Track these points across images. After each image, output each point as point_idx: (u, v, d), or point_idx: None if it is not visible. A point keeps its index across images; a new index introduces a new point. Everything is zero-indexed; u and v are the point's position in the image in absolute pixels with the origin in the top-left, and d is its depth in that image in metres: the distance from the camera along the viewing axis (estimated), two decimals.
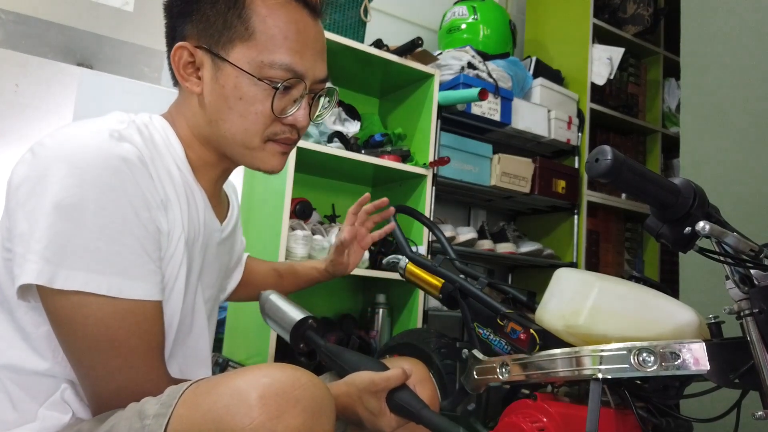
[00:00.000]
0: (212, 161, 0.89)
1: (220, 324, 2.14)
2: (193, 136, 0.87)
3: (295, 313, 1.07)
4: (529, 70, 2.70)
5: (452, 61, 2.38)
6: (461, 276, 1.26)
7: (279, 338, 1.77)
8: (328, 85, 0.92)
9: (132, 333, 0.71)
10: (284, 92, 0.83)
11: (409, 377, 0.88)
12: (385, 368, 0.91)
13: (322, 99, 0.92)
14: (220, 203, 0.96)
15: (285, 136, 0.86)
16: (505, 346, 1.11)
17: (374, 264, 2.07)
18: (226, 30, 0.81)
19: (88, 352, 0.71)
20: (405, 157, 2.15)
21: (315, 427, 0.62)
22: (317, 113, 0.93)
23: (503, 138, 2.60)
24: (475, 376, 1.09)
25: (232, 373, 0.64)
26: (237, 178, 2.32)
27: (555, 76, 2.74)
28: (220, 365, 2.01)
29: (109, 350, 0.70)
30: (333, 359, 0.99)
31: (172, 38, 0.86)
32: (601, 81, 2.68)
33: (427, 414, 0.86)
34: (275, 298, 1.13)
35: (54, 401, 0.76)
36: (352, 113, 2.19)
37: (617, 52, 2.70)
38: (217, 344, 2.10)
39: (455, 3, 2.71)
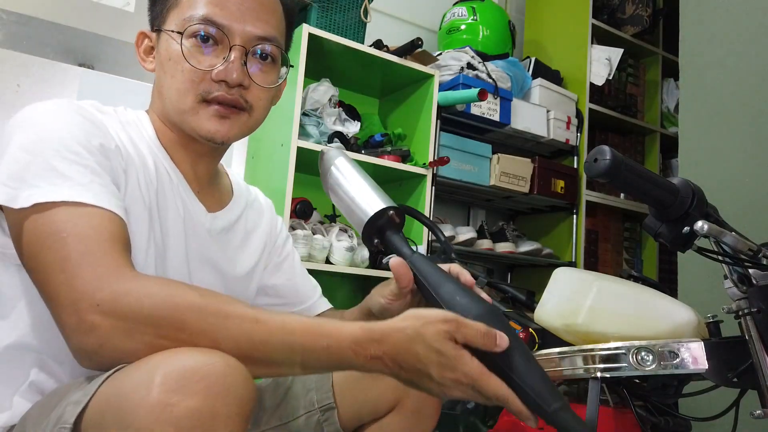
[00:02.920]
0: (179, 141, 0.89)
1: None
2: (159, 119, 0.89)
3: (375, 198, 0.84)
4: (528, 70, 2.71)
5: (452, 61, 2.38)
6: None
7: None
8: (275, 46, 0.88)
9: (91, 229, 0.68)
10: (209, 45, 0.83)
11: (500, 346, 0.65)
12: (499, 322, 0.69)
13: (275, 62, 0.89)
14: (210, 192, 0.95)
15: (219, 93, 0.83)
16: None
17: (374, 263, 2.08)
18: (161, 4, 0.87)
19: (46, 255, 0.66)
20: (405, 157, 2.16)
21: (220, 406, 0.55)
22: (278, 76, 0.90)
23: (502, 138, 2.61)
24: None
25: (154, 355, 0.60)
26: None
27: (554, 77, 2.74)
28: None
29: (62, 244, 0.66)
30: (417, 275, 0.79)
31: None
32: (599, 81, 2.68)
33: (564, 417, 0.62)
34: (348, 166, 0.90)
35: (26, 388, 0.76)
36: (352, 113, 2.19)
37: (616, 53, 2.71)
38: None
39: (455, 4, 2.71)
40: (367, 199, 0.85)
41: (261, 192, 1.12)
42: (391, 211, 0.83)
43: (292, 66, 0.95)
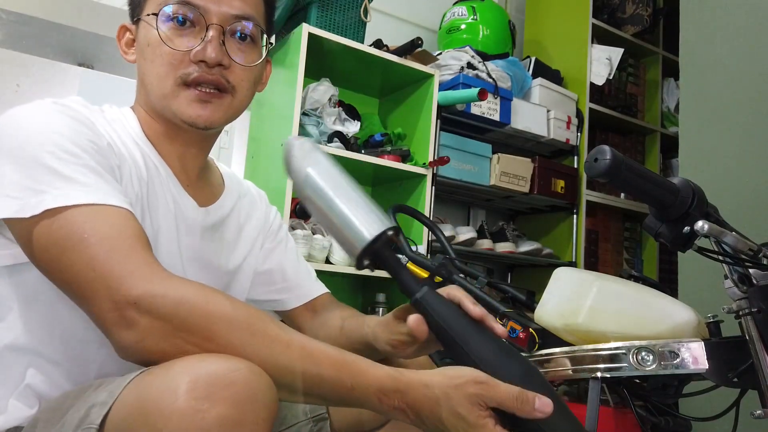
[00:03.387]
0: (165, 132, 0.87)
1: None
2: (144, 111, 0.88)
3: (370, 218, 0.69)
4: (528, 70, 2.71)
5: (452, 61, 2.38)
6: (461, 275, 1.27)
7: None
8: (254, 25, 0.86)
9: (110, 228, 0.67)
10: (186, 28, 0.82)
11: (541, 411, 0.62)
12: (537, 383, 0.65)
13: (255, 42, 0.87)
14: (200, 186, 0.93)
15: (199, 74, 0.81)
16: None
17: None
18: None
19: (71, 257, 0.66)
20: (405, 157, 2.16)
21: (247, 412, 0.56)
22: (259, 56, 0.88)
23: (503, 138, 2.61)
24: None
25: (177, 360, 0.60)
26: None
27: (554, 76, 2.74)
28: None
29: (86, 245, 0.65)
30: (434, 320, 0.69)
31: None
32: (600, 81, 2.68)
33: None
34: (330, 170, 0.72)
35: (22, 391, 0.75)
36: (352, 113, 2.19)
37: (616, 52, 2.71)
38: None
39: (455, 3, 2.71)
40: (361, 219, 0.69)
41: (253, 185, 1.11)
42: (390, 232, 0.70)
43: (272, 44, 0.92)
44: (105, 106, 0.88)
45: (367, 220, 0.69)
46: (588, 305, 0.90)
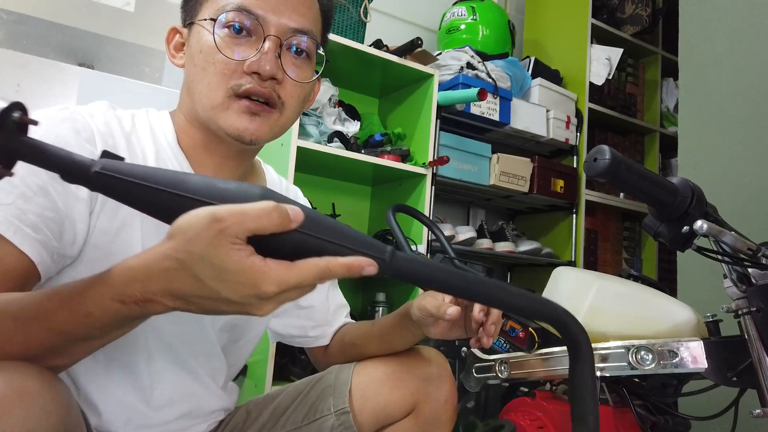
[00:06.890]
0: (204, 143, 0.83)
1: None
2: (185, 119, 0.84)
3: None
4: (527, 70, 2.71)
5: (451, 61, 2.38)
6: None
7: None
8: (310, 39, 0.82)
9: None
10: (242, 37, 0.78)
11: (296, 221, 0.50)
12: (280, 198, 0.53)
13: (310, 57, 0.84)
14: None
15: (251, 86, 0.77)
16: (504, 345, 1.11)
17: None
18: None
19: None
20: (404, 157, 2.16)
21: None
22: (312, 72, 0.85)
23: (502, 137, 2.61)
24: (475, 374, 1.10)
25: None
26: None
27: (554, 76, 2.74)
28: None
29: None
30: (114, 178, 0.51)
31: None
32: (599, 81, 2.68)
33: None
34: None
35: None
36: (352, 113, 2.19)
37: (616, 52, 2.71)
38: None
39: (454, 3, 2.71)
40: None
41: (301, 193, 1.05)
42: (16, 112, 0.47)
43: (329, 61, 0.89)
44: (141, 112, 0.84)
45: None
46: (587, 305, 0.90)
